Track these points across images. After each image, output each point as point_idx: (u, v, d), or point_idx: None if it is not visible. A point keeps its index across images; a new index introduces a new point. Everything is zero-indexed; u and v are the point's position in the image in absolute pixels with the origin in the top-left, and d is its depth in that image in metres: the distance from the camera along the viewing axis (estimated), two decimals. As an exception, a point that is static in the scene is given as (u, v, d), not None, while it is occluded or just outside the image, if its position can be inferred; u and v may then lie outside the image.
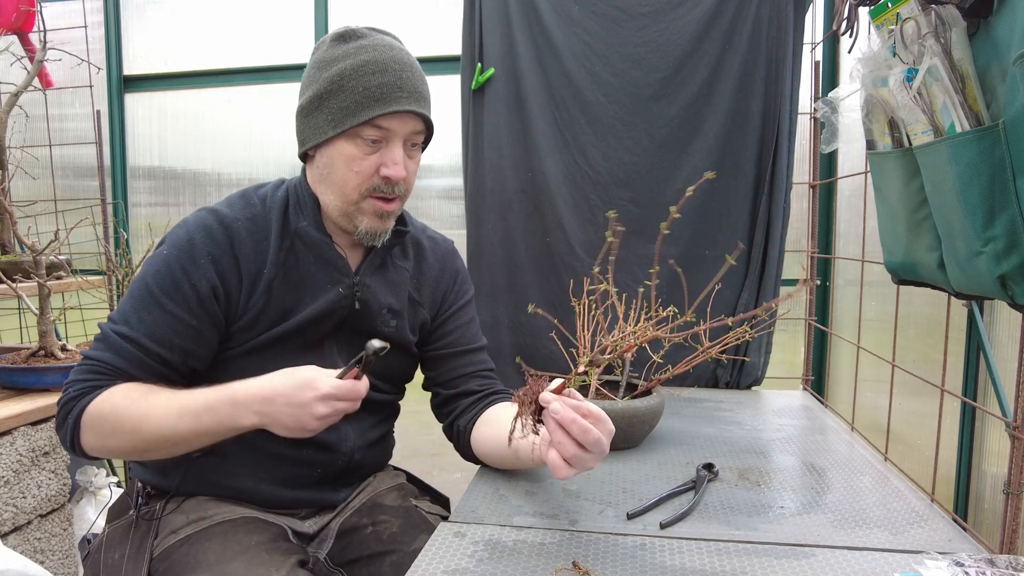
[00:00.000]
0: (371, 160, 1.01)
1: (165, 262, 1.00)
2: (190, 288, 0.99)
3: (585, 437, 0.80)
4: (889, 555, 0.87)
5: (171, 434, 0.93)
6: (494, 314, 1.90)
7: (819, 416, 1.59)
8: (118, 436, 0.95)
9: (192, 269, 0.99)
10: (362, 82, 0.98)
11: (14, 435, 1.52)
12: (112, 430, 0.94)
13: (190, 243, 1.00)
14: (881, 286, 1.57)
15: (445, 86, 2.11)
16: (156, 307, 0.99)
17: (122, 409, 0.94)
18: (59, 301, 1.96)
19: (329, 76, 1.00)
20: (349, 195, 1.02)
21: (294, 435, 0.92)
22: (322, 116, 1.01)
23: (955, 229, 0.95)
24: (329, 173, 1.03)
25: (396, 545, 1.07)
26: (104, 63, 2.43)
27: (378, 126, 0.99)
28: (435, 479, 1.34)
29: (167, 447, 0.96)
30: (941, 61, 0.92)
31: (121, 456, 1.02)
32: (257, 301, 1.02)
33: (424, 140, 1.09)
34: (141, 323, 0.98)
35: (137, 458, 1.06)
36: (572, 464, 0.81)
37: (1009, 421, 0.97)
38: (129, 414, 0.94)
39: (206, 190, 2.48)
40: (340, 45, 1.02)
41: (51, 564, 1.63)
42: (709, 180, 1.81)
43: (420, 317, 1.19)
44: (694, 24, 1.78)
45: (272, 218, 1.05)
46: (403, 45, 1.06)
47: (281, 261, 1.04)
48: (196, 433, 0.94)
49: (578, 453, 0.80)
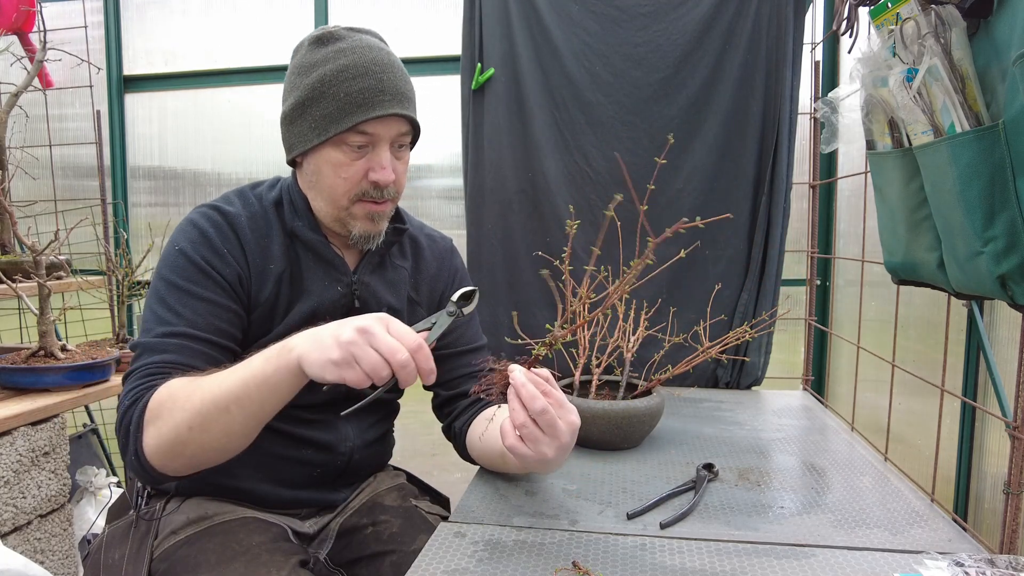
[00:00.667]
0: (358, 166, 1.00)
1: (185, 257, 0.98)
2: (219, 275, 0.98)
3: (532, 404, 0.80)
4: (889, 555, 0.87)
5: (221, 393, 0.83)
6: (494, 314, 1.90)
7: (819, 416, 1.59)
8: (172, 416, 0.84)
9: (214, 259, 0.98)
10: (343, 88, 0.97)
11: (14, 435, 1.51)
12: (168, 411, 0.85)
13: (205, 236, 0.99)
14: (881, 286, 1.56)
15: (445, 86, 2.11)
16: (190, 297, 0.96)
17: (177, 388, 0.87)
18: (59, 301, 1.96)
19: (310, 83, 0.99)
20: (339, 201, 1.02)
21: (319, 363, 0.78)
22: (306, 123, 1.00)
23: (955, 229, 0.95)
24: (318, 180, 1.03)
25: (396, 545, 1.07)
26: (104, 63, 2.43)
27: (363, 132, 0.98)
28: (435, 479, 1.34)
29: (220, 415, 0.83)
30: (941, 61, 0.92)
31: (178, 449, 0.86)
32: (269, 296, 1.02)
33: (413, 139, 1.08)
34: (180, 317, 0.94)
35: (195, 447, 0.86)
36: (523, 437, 0.82)
37: (1009, 421, 0.97)
38: (183, 387, 0.86)
39: (206, 190, 2.48)
40: (319, 49, 1.00)
41: (51, 564, 1.63)
42: (709, 180, 1.83)
43: (418, 317, 1.18)
44: (694, 24, 1.78)
45: (271, 216, 1.05)
46: (383, 43, 1.05)
47: (286, 256, 1.05)
48: (245, 382, 0.83)
49: (528, 424, 0.81)
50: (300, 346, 0.80)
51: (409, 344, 0.78)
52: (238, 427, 0.85)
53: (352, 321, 0.79)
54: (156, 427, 0.86)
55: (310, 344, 0.80)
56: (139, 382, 0.90)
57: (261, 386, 0.83)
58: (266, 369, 0.82)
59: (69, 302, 2.07)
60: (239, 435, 0.87)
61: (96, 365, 1.72)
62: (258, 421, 0.87)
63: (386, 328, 0.79)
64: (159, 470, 0.88)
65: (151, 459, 0.87)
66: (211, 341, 0.95)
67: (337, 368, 0.77)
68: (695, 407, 1.65)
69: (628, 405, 1.26)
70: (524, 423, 0.81)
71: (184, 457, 0.87)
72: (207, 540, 0.98)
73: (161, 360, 0.92)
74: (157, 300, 0.97)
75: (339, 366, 0.77)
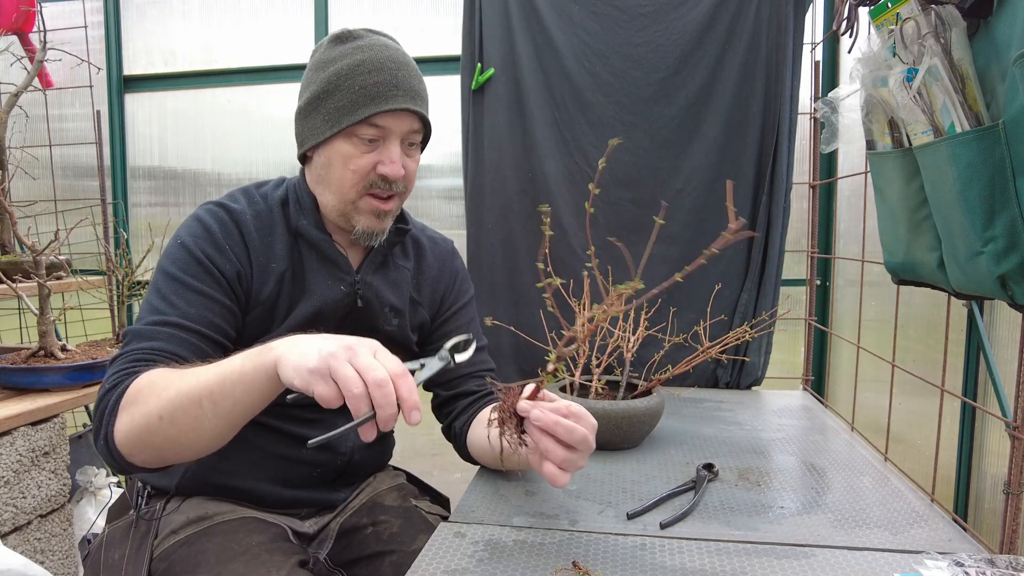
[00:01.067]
0: (368, 158, 1.01)
1: (187, 251, 0.98)
2: (217, 271, 0.98)
3: (571, 437, 0.80)
4: (889, 555, 0.87)
5: (196, 386, 0.80)
6: (494, 314, 1.90)
7: (819, 416, 1.59)
8: (147, 404, 0.82)
9: (215, 254, 0.99)
10: (358, 81, 0.98)
11: (14, 435, 1.51)
12: (144, 399, 0.83)
13: (208, 231, 1.00)
14: (881, 286, 1.56)
15: (445, 86, 2.11)
16: (186, 290, 0.96)
17: (157, 377, 0.85)
18: (59, 301, 1.96)
19: (326, 77, 1.01)
20: (346, 194, 1.02)
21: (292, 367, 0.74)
22: (319, 117, 1.01)
23: (955, 229, 0.95)
24: (327, 173, 1.03)
25: (396, 545, 1.07)
26: (104, 63, 2.43)
27: (375, 124, 0.99)
28: (435, 479, 1.34)
29: (192, 407, 0.80)
30: (941, 61, 0.92)
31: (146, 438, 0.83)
32: (270, 294, 1.02)
33: (423, 140, 1.09)
34: (173, 307, 0.94)
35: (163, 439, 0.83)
36: (565, 468, 0.82)
37: (1009, 421, 0.97)
38: (163, 376, 0.85)
39: (206, 190, 2.48)
40: (337, 46, 1.02)
41: (51, 564, 1.63)
42: (709, 180, 1.83)
43: (419, 317, 1.19)
44: (694, 24, 1.78)
45: (275, 215, 1.06)
46: (400, 46, 1.06)
47: (289, 255, 1.05)
48: (221, 378, 0.79)
49: (568, 455, 0.81)
50: (280, 348, 0.77)
51: (392, 368, 0.72)
52: (208, 424, 0.81)
53: (341, 337, 0.76)
54: (129, 413, 0.84)
55: (291, 348, 0.76)
56: (123, 367, 0.89)
57: (236, 383, 0.79)
58: (244, 366, 0.79)
59: (69, 302, 2.07)
60: (208, 433, 0.82)
61: (96, 365, 1.72)
62: (228, 422, 0.82)
63: (373, 352, 0.74)
64: (126, 458, 0.86)
65: (119, 445, 0.85)
66: (201, 333, 0.95)
67: (309, 376, 0.72)
68: (695, 407, 1.65)
69: (628, 405, 1.26)
70: (565, 457, 0.81)
71: (152, 448, 0.84)
72: (207, 540, 0.98)
73: (149, 347, 0.90)
74: (154, 291, 0.97)
75: (312, 375, 0.71)
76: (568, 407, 0.83)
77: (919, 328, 1.55)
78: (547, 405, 0.82)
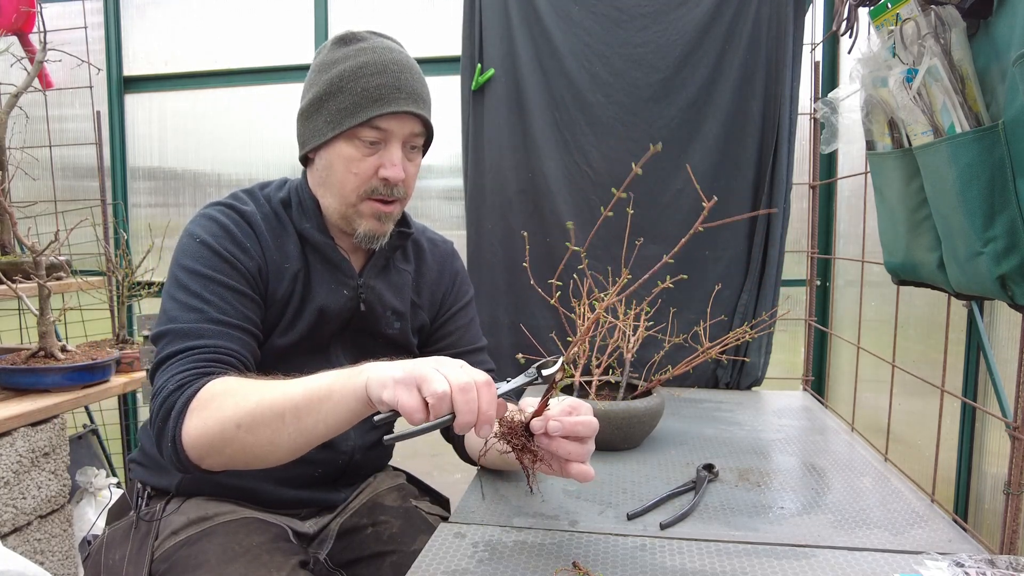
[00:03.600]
0: (370, 161, 1.01)
1: (209, 248, 0.97)
2: (242, 266, 0.98)
3: (590, 429, 0.82)
4: (889, 555, 0.87)
5: (280, 398, 0.80)
6: (494, 314, 1.90)
7: (819, 416, 1.59)
8: (223, 410, 0.82)
9: (237, 251, 0.98)
10: (360, 83, 0.98)
11: (14, 436, 1.51)
12: (219, 404, 0.83)
13: (226, 230, 0.99)
14: (881, 286, 1.56)
15: (445, 86, 2.11)
16: (217, 286, 0.94)
17: (235, 384, 0.85)
18: (59, 302, 1.96)
19: (328, 78, 1.01)
20: (348, 197, 1.02)
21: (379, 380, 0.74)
22: (321, 118, 1.01)
23: (955, 229, 0.95)
24: (328, 175, 1.03)
25: (396, 545, 1.07)
26: (104, 64, 2.43)
27: (376, 127, 0.99)
28: (435, 479, 1.34)
29: (273, 420, 0.80)
30: (941, 61, 0.92)
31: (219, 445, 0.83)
32: (284, 293, 1.03)
33: (425, 143, 1.09)
34: (209, 304, 0.93)
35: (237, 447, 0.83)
36: (585, 460, 0.83)
37: (1009, 421, 0.97)
38: (242, 385, 0.85)
39: (206, 190, 2.48)
40: (341, 48, 1.02)
41: (51, 565, 1.63)
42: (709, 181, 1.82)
43: (420, 320, 1.19)
44: (694, 24, 1.78)
45: (283, 216, 1.06)
46: (403, 49, 1.06)
47: (301, 257, 1.05)
48: (307, 394, 0.79)
49: (586, 448, 0.82)
50: (371, 368, 0.77)
51: (478, 378, 0.73)
52: (286, 438, 0.81)
53: (431, 359, 0.76)
54: (202, 417, 0.83)
55: (380, 366, 0.76)
56: (190, 366, 0.87)
57: (323, 400, 0.78)
58: (333, 385, 0.78)
59: (69, 303, 2.07)
60: (284, 447, 0.82)
61: (96, 366, 1.72)
62: (308, 439, 0.81)
63: (459, 365, 0.75)
64: (194, 461, 0.85)
65: (188, 448, 0.84)
66: (243, 328, 0.95)
67: (395, 386, 0.72)
68: (695, 407, 1.65)
69: (628, 406, 1.26)
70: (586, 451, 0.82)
71: (223, 455, 0.84)
72: (207, 540, 0.98)
73: (206, 345, 0.89)
74: (180, 288, 0.94)
75: (397, 384, 0.72)
76: (569, 406, 0.83)
77: (919, 328, 1.55)
78: (552, 413, 0.82)
